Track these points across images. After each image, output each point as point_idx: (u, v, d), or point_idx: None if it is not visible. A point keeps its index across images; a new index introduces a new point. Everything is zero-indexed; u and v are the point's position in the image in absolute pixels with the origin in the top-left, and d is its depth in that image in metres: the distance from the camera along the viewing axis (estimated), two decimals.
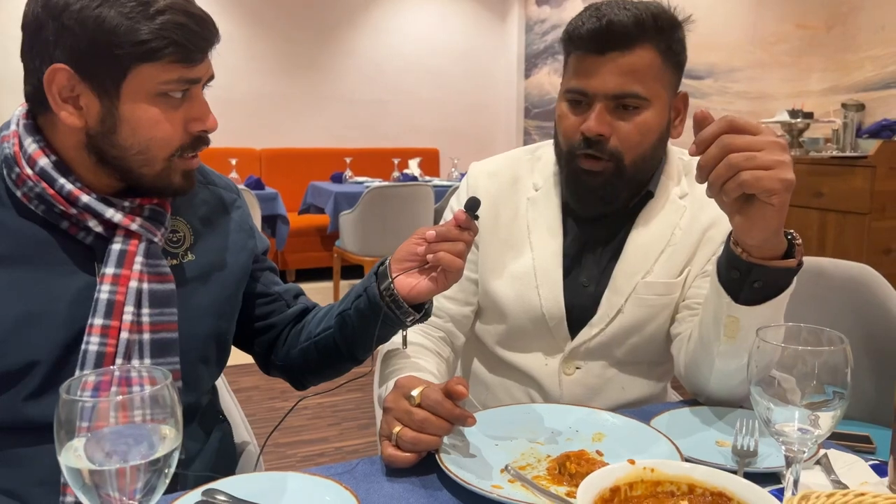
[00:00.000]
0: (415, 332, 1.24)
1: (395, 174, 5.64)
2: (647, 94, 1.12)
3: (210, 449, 1.15)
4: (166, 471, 0.63)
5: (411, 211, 4.78)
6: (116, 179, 1.02)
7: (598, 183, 1.17)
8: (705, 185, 0.90)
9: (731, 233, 0.97)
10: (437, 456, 0.91)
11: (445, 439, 0.95)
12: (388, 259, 1.07)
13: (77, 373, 0.98)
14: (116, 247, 1.01)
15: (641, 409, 1.11)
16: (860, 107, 3.73)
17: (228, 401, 1.36)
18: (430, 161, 6.65)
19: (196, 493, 0.82)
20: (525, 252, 1.26)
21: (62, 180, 0.98)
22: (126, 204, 1.01)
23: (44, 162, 0.99)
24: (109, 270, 1.00)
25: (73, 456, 0.60)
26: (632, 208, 1.25)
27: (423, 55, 6.86)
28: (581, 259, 1.26)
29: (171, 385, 0.63)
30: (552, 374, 1.26)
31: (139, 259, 1.02)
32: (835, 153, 3.57)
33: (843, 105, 3.74)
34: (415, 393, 0.92)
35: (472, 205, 1.01)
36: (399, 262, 1.05)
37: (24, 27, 0.99)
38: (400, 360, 1.15)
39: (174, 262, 1.08)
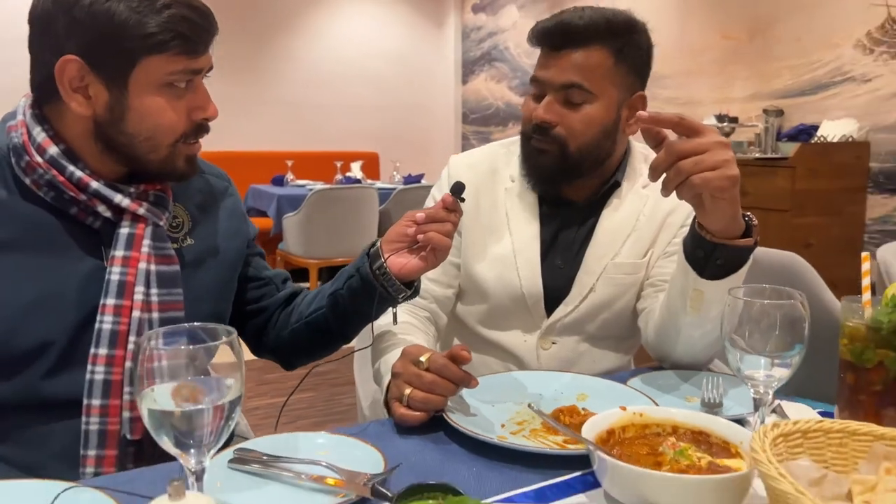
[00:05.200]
0: (403, 313, 1.32)
1: (338, 177, 5.67)
2: (592, 89, 1.26)
3: None
4: (231, 418, 0.69)
5: (356, 213, 4.83)
6: (122, 166, 1.07)
7: (546, 162, 1.31)
8: (649, 167, 1.03)
9: (695, 217, 1.10)
10: (444, 415, 1.00)
11: (448, 403, 1.04)
12: (379, 241, 1.15)
13: (92, 351, 1.02)
14: (125, 231, 1.06)
15: (615, 376, 1.23)
16: (780, 112, 4.02)
17: None
18: (371, 164, 6.71)
19: (228, 452, 0.89)
20: (505, 237, 1.37)
21: (72, 167, 1.03)
22: (132, 190, 1.06)
23: (53, 150, 1.03)
24: (119, 253, 1.05)
25: (150, 401, 0.66)
26: (601, 197, 1.38)
27: (362, 59, 6.93)
28: (556, 243, 1.38)
29: (236, 340, 0.70)
30: (530, 349, 1.37)
31: (146, 242, 1.07)
32: (758, 155, 3.84)
33: (765, 111, 4.03)
34: (423, 358, 1.01)
35: (458, 188, 1.10)
36: (390, 243, 1.13)
37: (34, 20, 1.03)
38: (392, 338, 1.23)
39: (175, 245, 1.13)
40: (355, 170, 5.73)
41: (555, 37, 1.27)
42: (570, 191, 1.36)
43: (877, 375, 0.95)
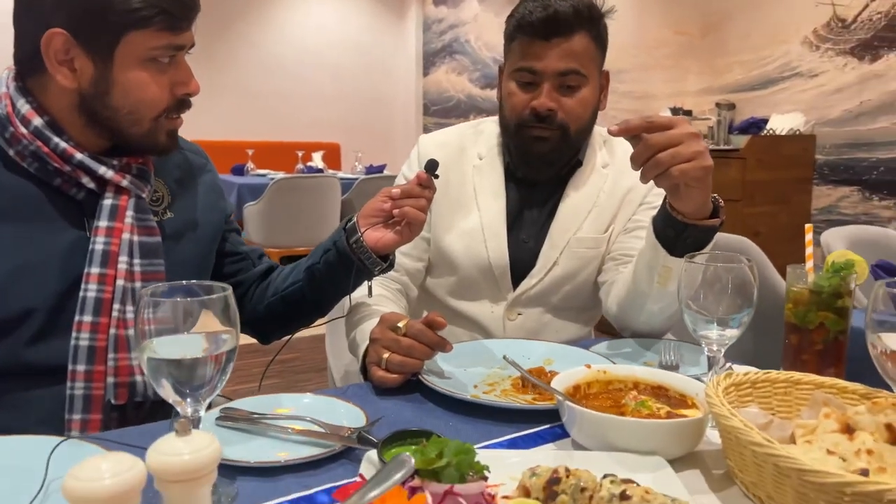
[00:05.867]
0: (376, 286, 1.36)
1: (300, 166, 5.66)
2: (585, 73, 1.33)
3: None
4: (226, 368, 0.73)
5: (318, 202, 4.84)
6: (105, 139, 1.10)
7: (546, 149, 1.37)
8: (628, 157, 1.09)
9: (665, 198, 1.16)
10: (420, 377, 1.05)
11: (424, 367, 1.09)
12: (356, 216, 1.19)
13: (76, 318, 1.04)
14: (108, 202, 1.09)
15: (578, 343, 1.30)
16: (731, 106, 4.17)
17: None
18: (333, 155, 6.70)
19: (215, 411, 0.92)
20: (473, 212, 1.43)
21: (56, 139, 1.05)
22: (115, 162, 1.09)
23: (38, 122, 1.05)
24: (103, 224, 1.08)
25: (150, 351, 0.70)
26: (564, 175, 1.45)
27: (323, 49, 6.91)
28: (521, 219, 1.44)
29: (230, 295, 0.74)
30: (497, 319, 1.43)
31: (129, 213, 1.09)
32: (711, 147, 3.98)
33: (717, 104, 4.17)
34: (400, 324, 1.06)
35: (432, 165, 1.15)
36: (366, 217, 1.18)
37: None
38: (367, 309, 1.28)
39: (156, 219, 1.16)
40: (317, 160, 5.73)
41: (547, 26, 1.31)
42: (534, 169, 1.43)
43: (818, 336, 1.03)
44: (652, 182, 1.15)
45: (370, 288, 1.24)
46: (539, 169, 1.41)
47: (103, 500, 0.55)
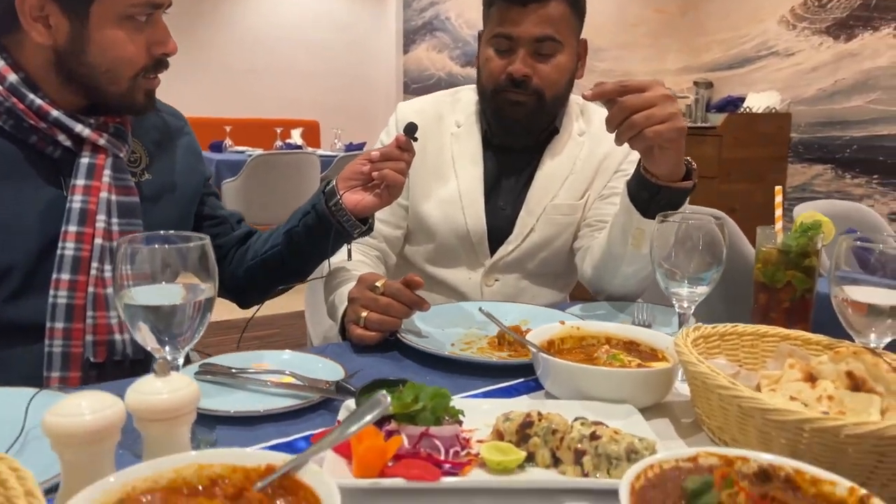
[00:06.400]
0: (355, 252, 1.38)
1: (278, 143, 5.62)
2: (561, 40, 1.34)
3: None
4: (205, 317, 0.74)
5: (297, 179, 4.81)
6: (82, 97, 1.09)
7: (521, 115, 1.38)
8: (604, 125, 1.10)
9: (640, 162, 1.18)
10: (398, 335, 1.07)
11: (401, 326, 1.10)
12: (335, 179, 1.20)
13: (54, 276, 1.04)
14: (85, 160, 1.08)
15: (554, 305, 1.32)
16: (709, 84, 4.20)
17: None
18: (312, 133, 6.66)
19: (194, 366, 0.93)
20: (451, 179, 1.44)
21: (32, 96, 1.04)
22: (92, 121, 1.08)
23: (13, 78, 1.04)
24: (80, 182, 1.07)
25: (129, 298, 0.70)
26: (541, 143, 1.46)
27: (301, 26, 6.84)
28: (498, 186, 1.45)
29: (208, 244, 0.74)
30: (475, 286, 1.45)
31: (107, 172, 1.09)
32: (689, 125, 4.01)
33: (695, 83, 4.20)
34: (378, 284, 1.07)
35: (411, 129, 1.16)
36: (345, 180, 1.18)
37: None
38: (345, 273, 1.29)
39: (134, 179, 1.16)
40: (296, 137, 5.69)
41: None
42: (511, 136, 1.44)
43: (785, 294, 1.06)
44: (628, 149, 1.18)
45: (349, 251, 1.25)
46: (515, 135, 1.42)
47: (83, 436, 0.56)
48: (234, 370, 0.93)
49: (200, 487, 0.58)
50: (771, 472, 0.60)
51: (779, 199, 1.11)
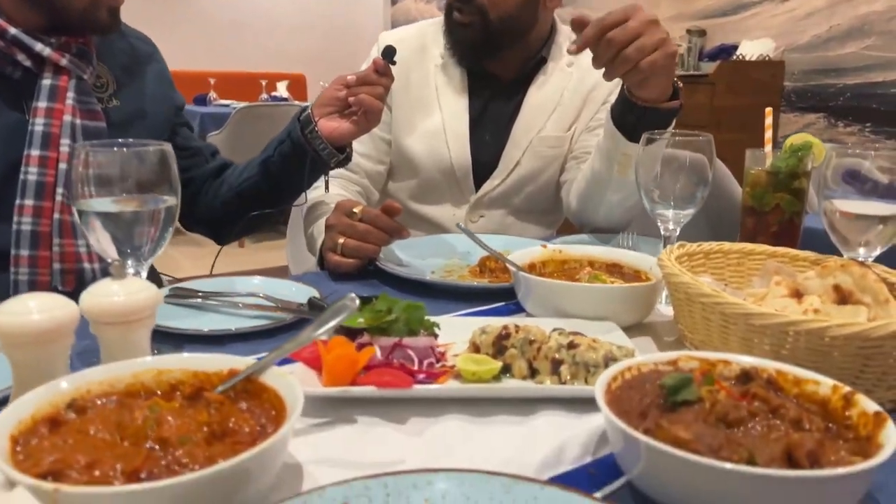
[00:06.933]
0: (335, 187, 1.34)
1: (263, 96, 5.52)
2: None
3: None
4: (167, 228, 0.71)
5: None
6: (42, 16, 1.04)
7: (468, 35, 1.34)
8: (591, 57, 1.05)
9: (625, 85, 1.13)
10: (377, 263, 1.04)
11: (381, 255, 1.08)
12: (310, 105, 1.16)
13: (17, 202, 1.01)
14: (47, 82, 1.04)
15: (538, 239, 1.29)
16: (702, 32, 4.12)
17: None
18: (298, 86, 6.53)
19: (164, 290, 0.90)
20: (434, 112, 1.40)
21: None
22: (53, 40, 1.03)
23: None
24: (42, 104, 1.03)
25: (86, 206, 0.67)
26: (527, 74, 1.41)
27: None
28: (484, 119, 1.41)
29: (169, 150, 0.71)
30: (459, 222, 1.41)
31: (70, 94, 1.05)
32: (681, 73, 3.95)
33: (688, 31, 4.12)
34: (356, 210, 1.04)
35: (389, 52, 1.11)
36: (321, 107, 1.14)
37: None
38: (324, 207, 1.25)
39: (101, 106, 1.11)
40: (281, 89, 5.59)
41: None
42: (496, 66, 1.39)
43: (773, 217, 1.03)
44: (616, 80, 1.13)
45: (327, 182, 1.21)
46: (467, 57, 1.38)
47: (32, 336, 0.53)
48: (203, 293, 0.90)
49: (159, 392, 0.56)
50: (753, 374, 0.58)
51: (769, 120, 1.08)
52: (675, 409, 0.52)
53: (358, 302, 0.61)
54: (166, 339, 0.78)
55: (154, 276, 1.28)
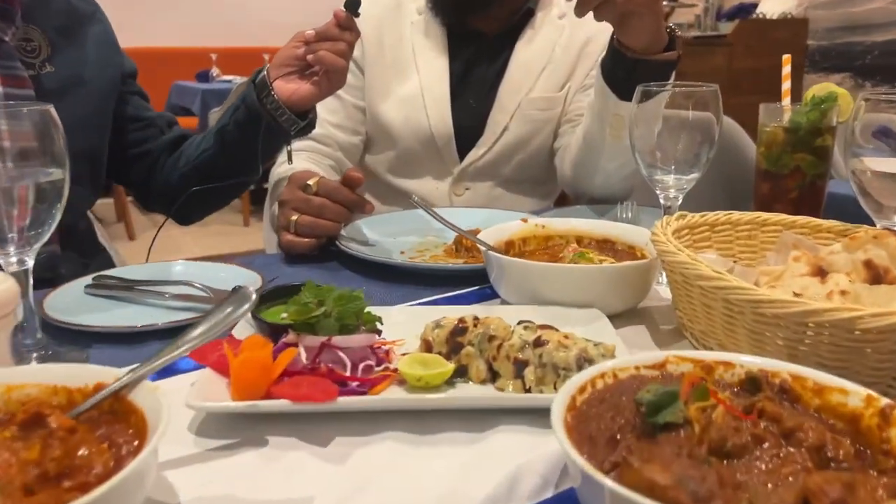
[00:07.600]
0: (303, 160, 1.21)
1: None
2: None
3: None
4: (55, 206, 0.59)
5: None
6: None
7: None
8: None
9: (613, 35, 1.00)
10: (337, 243, 0.92)
11: (344, 233, 0.95)
12: (266, 66, 1.03)
13: None
14: None
15: (527, 213, 1.16)
16: None
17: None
18: None
19: (86, 279, 0.79)
20: (412, 75, 1.26)
21: None
22: None
23: None
24: None
25: None
26: (514, 29, 1.27)
27: None
28: (467, 80, 1.27)
29: (51, 113, 0.59)
30: (443, 197, 1.29)
31: None
32: (696, 35, 3.76)
33: None
34: (311, 182, 0.92)
35: (353, 3, 0.96)
36: (278, 67, 1.00)
37: None
38: None
39: (31, 72, 0.99)
40: None
41: None
42: (479, 21, 1.25)
43: (793, 181, 0.90)
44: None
45: (289, 153, 1.08)
46: (444, 12, 1.24)
47: None
48: (129, 281, 0.78)
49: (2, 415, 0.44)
50: (762, 380, 0.45)
51: (787, 69, 0.93)
52: (655, 434, 0.39)
53: (254, 296, 0.48)
54: (71, 336, 0.67)
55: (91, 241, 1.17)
